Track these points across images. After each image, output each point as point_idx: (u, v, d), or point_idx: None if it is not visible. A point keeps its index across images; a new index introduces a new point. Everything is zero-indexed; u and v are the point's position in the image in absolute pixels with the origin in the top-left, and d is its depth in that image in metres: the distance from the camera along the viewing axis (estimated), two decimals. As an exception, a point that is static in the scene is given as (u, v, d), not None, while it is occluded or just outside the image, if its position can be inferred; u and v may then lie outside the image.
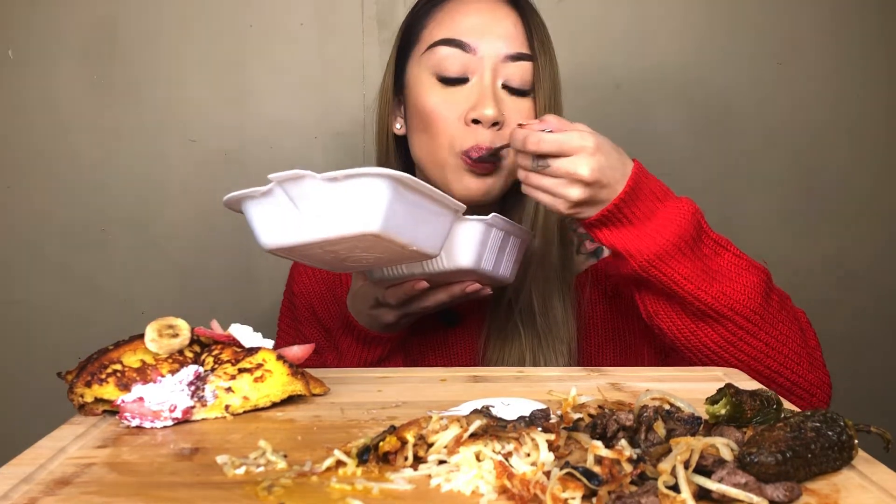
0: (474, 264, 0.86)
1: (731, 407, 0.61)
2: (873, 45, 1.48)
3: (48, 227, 1.42)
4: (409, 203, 0.71)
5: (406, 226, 0.71)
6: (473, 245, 0.86)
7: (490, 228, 0.87)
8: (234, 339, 0.74)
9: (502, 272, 0.92)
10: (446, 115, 0.98)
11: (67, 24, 1.39)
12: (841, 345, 1.53)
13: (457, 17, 1.00)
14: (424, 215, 0.73)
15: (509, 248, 0.92)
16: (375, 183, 0.68)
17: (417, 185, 0.72)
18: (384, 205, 0.68)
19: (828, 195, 1.50)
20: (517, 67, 0.99)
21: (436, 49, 0.99)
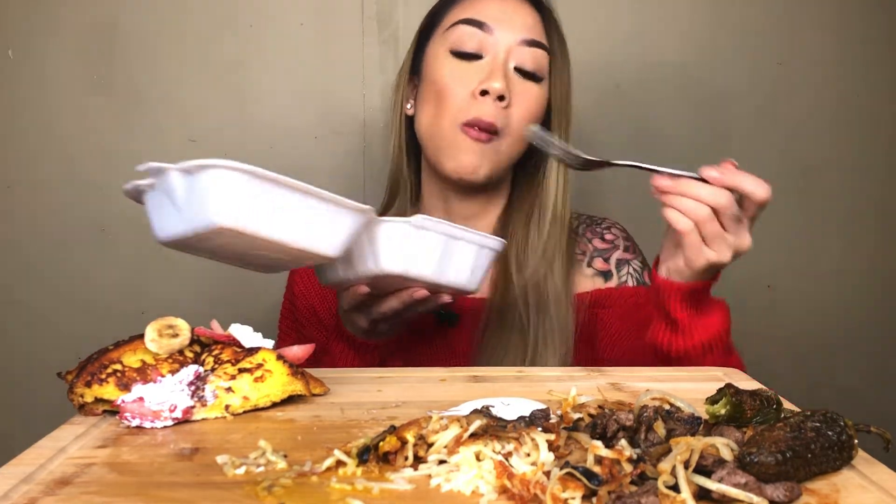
0: (401, 269, 0.81)
1: (731, 407, 0.61)
2: (873, 45, 1.48)
3: (48, 227, 1.42)
4: (271, 197, 0.67)
5: (270, 222, 0.67)
6: (397, 248, 0.81)
7: (419, 231, 0.81)
8: (234, 339, 0.74)
9: (453, 280, 0.85)
10: (456, 88, 1.02)
11: (67, 24, 1.39)
12: (841, 344, 1.53)
13: (480, 4, 1.05)
14: (301, 212, 0.70)
15: (460, 253, 0.84)
16: (222, 174, 0.65)
17: (280, 179, 0.67)
18: (228, 197, 0.65)
19: (828, 195, 1.50)
20: (531, 53, 1.03)
21: (456, 27, 1.04)
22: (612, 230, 1.14)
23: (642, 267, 1.12)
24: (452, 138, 1.02)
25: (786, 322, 1.52)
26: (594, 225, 1.14)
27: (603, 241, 1.12)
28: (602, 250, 1.11)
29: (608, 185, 1.46)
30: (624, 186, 1.46)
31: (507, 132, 1.03)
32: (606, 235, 1.13)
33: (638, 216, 1.47)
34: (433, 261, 0.82)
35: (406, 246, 0.81)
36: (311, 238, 0.71)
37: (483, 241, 0.86)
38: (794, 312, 1.52)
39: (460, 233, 0.84)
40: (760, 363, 1.13)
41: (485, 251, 0.86)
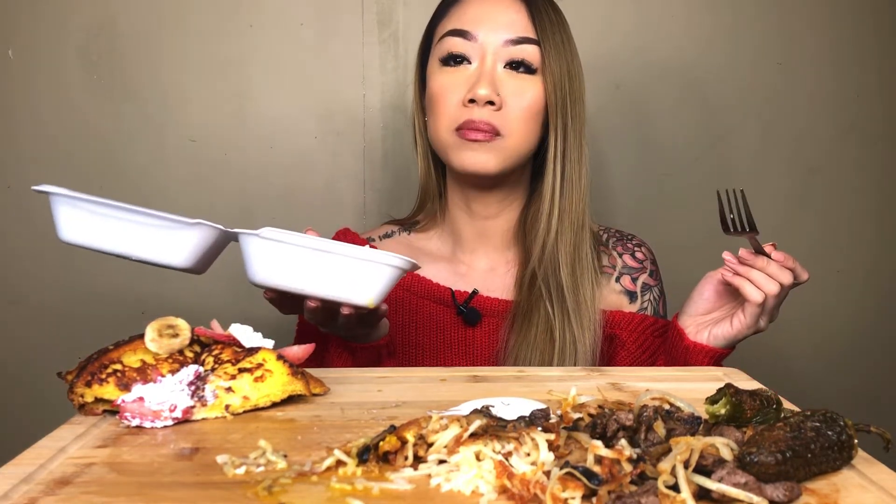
0: (268, 281, 0.81)
1: (731, 407, 0.61)
2: (873, 45, 1.48)
3: (48, 227, 1.41)
4: (93, 216, 0.79)
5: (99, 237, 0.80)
6: (260, 260, 0.81)
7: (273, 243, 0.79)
8: (234, 339, 0.74)
9: (337, 294, 0.81)
10: (448, 97, 1.04)
11: (67, 24, 1.39)
12: (841, 344, 1.53)
13: (464, 10, 1.06)
14: (134, 229, 0.79)
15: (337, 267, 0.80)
16: (52, 203, 0.80)
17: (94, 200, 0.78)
18: (58, 218, 0.81)
19: (828, 195, 1.51)
20: (519, 50, 1.03)
21: (443, 40, 1.06)
22: (642, 250, 1.15)
23: (660, 296, 1.13)
24: (452, 142, 1.04)
25: (785, 322, 1.51)
26: (624, 240, 1.15)
27: (633, 258, 1.13)
28: (632, 268, 1.12)
29: (610, 189, 1.46)
30: (623, 188, 1.46)
31: (507, 131, 1.02)
32: (637, 254, 1.13)
33: (638, 222, 1.47)
34: (300, 272, 0.80)
35: (267, 258, 0.81)
36: (153, 252, 0.81)
37: (362, 254, 0.80)
38: (793, 312, 1.52)
39: (326, 245, 0.80)
40: (760, 363, 1.13)
41: (372, 266, 0.81)
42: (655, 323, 1.08)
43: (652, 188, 1.47)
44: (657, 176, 1.47)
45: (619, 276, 1.11)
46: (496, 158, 1.03)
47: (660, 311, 1.12)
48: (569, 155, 1.05)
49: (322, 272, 0.81)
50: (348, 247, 0.80)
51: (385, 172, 1.45)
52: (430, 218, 1.16)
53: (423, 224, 1.17)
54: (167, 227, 0.79)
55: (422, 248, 1.16)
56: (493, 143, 1.02)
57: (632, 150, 1.47)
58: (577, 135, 1.05)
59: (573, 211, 1.05)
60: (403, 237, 1.17)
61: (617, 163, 1.47)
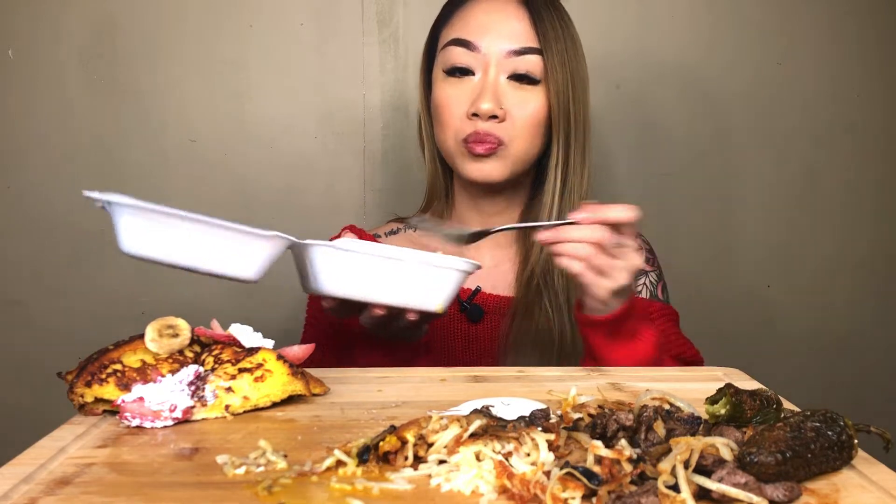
0: (338, 291, 0.82)
1: (731, 407, 0.61)
2: (873, 46, 1.48)
3: (48, 227, 1.42)
4: (163, 226, 0.75)
5: (178, 252, 0.75)
6: (330, 270, 0.81)
7: (347, 254, 0.80)
8: (234, 339, 0.74)
9: (406, 301, 0.83)
10: (452, 109, 1.05)
11: (67, 24, 1.39)
12: (841, 344, 1.53)
13: (467, 18, 1.06)
14: (208, 241, 0.75)
15: (407, 274, 0.82)
16: (113, 209, 0.77)
17: (186, 216, 0.73)
18: (120, 227, 0.77)
19: (827, 195, 1.51)
20: (522, 61, 1.03)
21: (447, 49, 1.06)
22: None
23: (657, 280, 1.14)
24: (458, 151, 1.05)
25: (785, 322, 1.52)
26: None
27: None
28: None
29: (612, 187, 1.46)
30: (625, 187, 1.46)
31: (511, 139, 1.04)
32: None
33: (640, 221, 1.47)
34: (371, 282, 0.81)
35: (337, 268, 0.81)
36: (223, 265, 0.76)
37: (436, 262, 0.82)
38: (793, 312, 1.52)
39: (397, 253, 0.81)
40: (760, 363, 1.13)
41: (442, 272, 0.82)
42: (651, 304, 1.10)
43: (653, 187, 1.47)
44: (658, 175, 1.47)
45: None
46: (502, 167, 1.04)
47: (657, 293, 1.13)
48: (570, 162, 1.06)
49: (395, 281, 0.81)
50: (419, 253, 0.82)
51: (385, 172, 1.45)
52: (436, 216, 1.18)
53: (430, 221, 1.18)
54: (242, 239, 0.75)
55: (427, 245, 1.16)
56: (498, 152, 1.03)
57: (632, 150, 1.47)
58: (580, 141, 1.06)
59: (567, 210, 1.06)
60: (409, 234, 1.18)
61: (618, 162, 1.47)
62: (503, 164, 1.04)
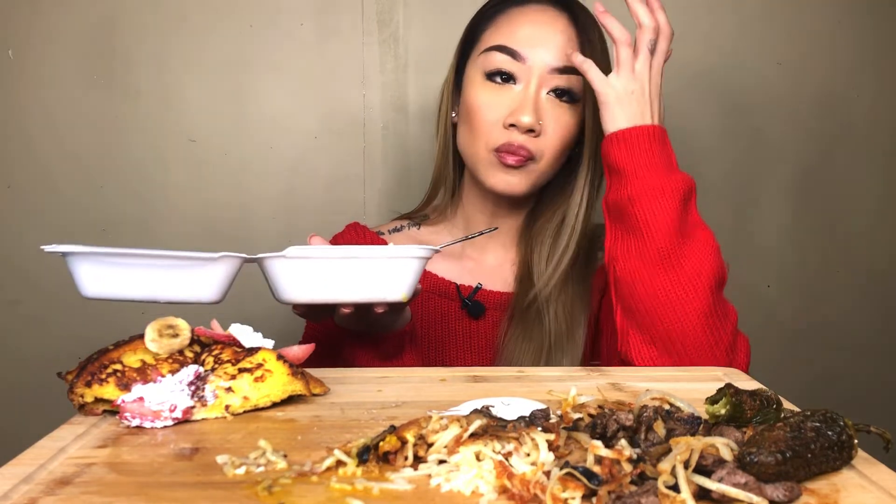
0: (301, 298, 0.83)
1: (731, 407, 0.61)
2: (873, 46, 1.48)
3: (48, 227, 1.42)
4: (116, 268, 0.77)
5: (122, 287, 0.78)
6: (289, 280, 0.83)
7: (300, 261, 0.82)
8: (234, 339, 0.74)
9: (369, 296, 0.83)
10: (488, 115, 1.04)
11: (67, 24, 1.39)
12: (841, 344, 1.53)
13: (514, 26, 1.05)
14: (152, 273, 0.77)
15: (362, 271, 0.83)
16: (67, 259, 0.79)
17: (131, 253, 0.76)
18: (77, 275, 0.80)
19: (828, 194, 1.51)
20: (564, 79, 1.03)
21: (490, 53, 1.05)
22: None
23: None
24: (488, 160, 1.05)
25: (785, 322, 1.52)
26: None
27: None
28: None
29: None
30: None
31: (541, 156, 1.05)
32: None
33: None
34: (330, 284, 0.82)
35: (294, 276, 0.82)
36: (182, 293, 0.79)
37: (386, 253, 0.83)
38: (793, 312, 1.52)
39: (350, 252, 0.82)
40: (760, 363, 1.13)
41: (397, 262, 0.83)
42: None
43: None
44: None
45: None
46: (527, 181, 1.05)
47: None
48: (596, 181, 1.08)
49: (352, 279, 0.82)
50: (371, 249, 0.83)
51: (385, 172, 1.45)
52: (439, 212, 1.19)
53: (433, 218, 1.19)
54: (193, 266, 0.78)
55: (431, 242, 1.18)
56: (527, 166, 1.04)
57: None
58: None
59: (579, 228, 1.09)
60: (413, 231, 1.19)
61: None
62: (528, 179, 1.05)
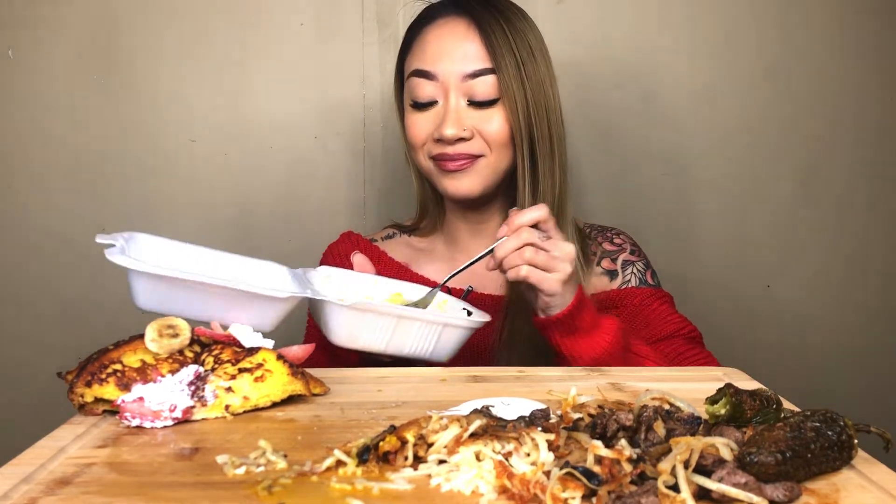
0: (346, 343, 0.86)
1: (731, 407, 0.61)
2: (873, 46, 1.48)
3: (48, 226, 1.42)
4: (176, 289, 0.76)
5: (183, 308, 0.76)
6: (341, 325, 0.85)
7: (362, 313, 0.84)
8: (234, 339, 0.74)
9: (412, 352, 0.88)
10: (420, 135, 1.09)
11: (67, 24, 1.39)
12: (840, 344, 1.53)
13: (424, 46, 1.09)
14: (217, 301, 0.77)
15: (419, 332, 0.87)
16: (130, 275, 0.78)
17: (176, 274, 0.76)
18: (137, 289, 0.78)
19: (826, 195, 1.50)
20: (480, 83, 1.06)
21: (410, 80, 1.10)
22: (621, 236, 1.21)
23: (645, 268, 1.16)
24: (433, 169, 1.10)
25: (785, 322, 1.52)
26: (605, 231, 1.21)
27: (612, 244, 1.18)
28: (610, 252, 1.17)
29: (615, 186, 1.46)
30: (625, 186, 1.46)
31: (487, 152, 1.07)
32: (615, 240, 1.19)
33: (644, 219, 1.47)
34: (383, 338, 0.86)
35: (349, 324, 0.84)
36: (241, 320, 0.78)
37: (447, 320, 0.88)
38: (792, 312, 1.52)
39: (417, 314, 0.86)
40: (760, 363, 1.13)
41: (452, 330, 0.89)
42: (642, 291, 1.12)
43: (653, 187, 1.47)
44: (658, 175, 1.47)
45: (600, 260, 1.16)
46: (478, 180, 1.08)
47: (647, 279, 1.15)
48: (539, 170, 1.08)
49: (410, 335, 0.86)
50: (431, 312, 0.89)
51: (385, 172, 1.45)
52: (430, 224, 1.22)
53: (424, 230, 1.22)
54: (258, 300, 0.78)
55: (422, 248, 1.21)
56: (476, 164, 1.07)
57: (631, 151, 1.47)
58: (547, 146, 1.07)
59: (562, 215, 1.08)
60: (404, 238, 1.22)
61: (618, 162, 1.47)
62: (478, 179, 1.08)
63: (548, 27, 1.15)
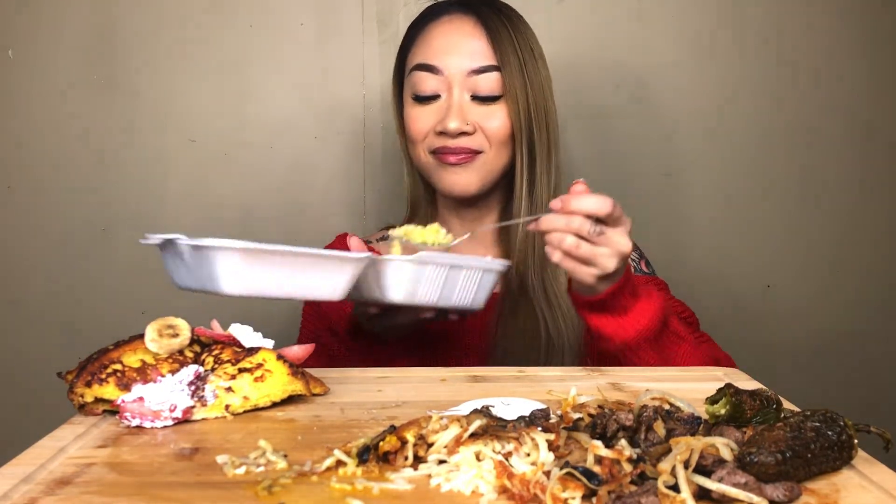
0: (406, 300, 0.87)
1: (731, 407, 0.61)
2: (875, 46, 1.48)
3: (48, 227, 1.42)
4: (263, 264, 0.75)
5: (262, 283, 0.76)
6: (401, 282, 0.86)
7: (422, 266, 0.86)
8: (234, 339, 0.74)
9: (458, 303, 0.91)
10: (421, 128, 1.10)
11: (67, 24, 1.39)
12: (841, 344, 1.53)
13: (429, 41, 1.10)
14: (287, 270, 0.77)
15: (464, 280, 0.90)
16: (217, 254, 0.74)
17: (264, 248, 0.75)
18: (221, 271, 0.74)
19: (827, 195, 1.50)
20: (484, 79, 1.07)
21: (413, 74, 1.10)
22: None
23: (640, 257, 1.17)
24: (432, 164, 1.10)
25: (785, 321, 1.52)
26: None
27: None
28: None
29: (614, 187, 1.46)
30: (625, 186, 1.46)
31: (486, 148, 1.08)
32: None
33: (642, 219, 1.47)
34: (436, 290, 0.88)
35: (409, 279, 0.86)
36: (304, 288, 0.79)
37: (487, 265, 0.92)
38: (793, 312, 1.52)
39: (464, 261, 0.90)
40: (760, 363, 1.13)
41: (489, 275, 0.93)
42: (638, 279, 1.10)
43: (653, 187, 1.47)
44: (658, 175, 1.47)
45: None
46: (477, 177, 1.09)
47: (642, 268, 1.15)
48: (536, 169, 1.09)
49: (457, 286, 0.90)
50: (475, 258, 0.92)
51: (385, 172, 1.45)
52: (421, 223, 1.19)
53: None
54: (335, 266, 0.80)
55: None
56: (475, 161, 1.08)
57: (632, 148, 1.47)
58: (544, 146, 1.09)
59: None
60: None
61: (618, 162, 1.46)
62: (476, 176, 1.08)
63: (547, 27, 1.16)
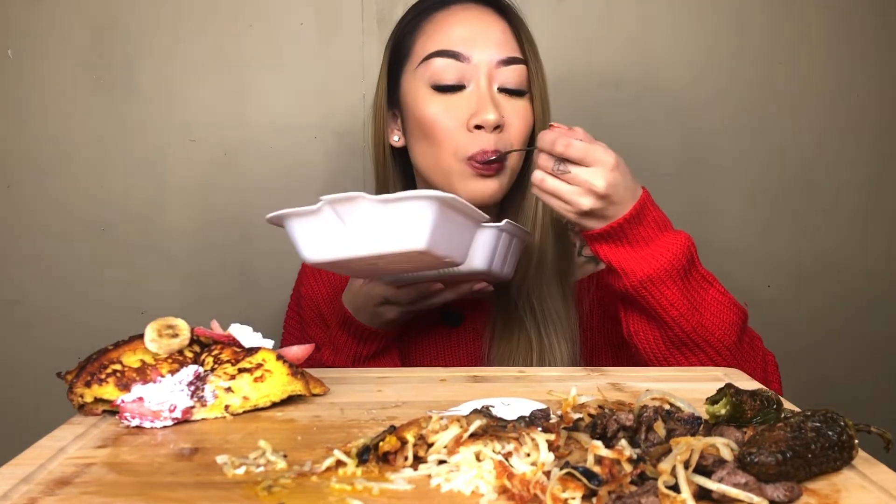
0: (487, 267, 0.90)
1: (731, 407, 0.61)
2: (874, 45, 1.48)
3: (48, 227, 1.42)
4: (449, 220, 0.77)
5: (444, 240, 0.77)
6: (488, 250, 0.89)
7: (502, 234, 0.90)
8: (234, 339, 0.74)
9: (506, 271, 0.95)
10: (448, 123, 1.00)
11: (67, 25, 1.39)
12: (841, 344, 1.53)
13: (447, 29, 1.02)
14: (458, 229, 0.80)
15: (513, 249, 0.95)
16: (424, 205, 0.74)
17: (456, 202, 0.77)
18: (430, 224, 0.74)
19: (827, 194, 1.50)
20: (511, 71, 1.01)
21: (430, 61, 1.01)
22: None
23: None
24: (461, 170, 1.00)
25: (785, 321, 1.52)
26: None
27: None
28: None
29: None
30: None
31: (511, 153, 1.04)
32: None
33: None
34: (503, 258, 0.92)
35: (493, 248, 0.89)
36: (457, 249, 0.82)
37: (526, 236, 0.98)
38: (793, 312, 1.52)
39: (518, 231, 0.94)
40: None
41: (523, 244, 0.98)
42: None
43: (652, 187, 1.47)
44: (657, 175, 1.47)
45: (580, 249, 1.12)
46: (501, 185, 1.02)
47: None
48: None
49: (509, 254, 0.94)
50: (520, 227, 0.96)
51: (385, 172, 1.45)
52: None
53: None
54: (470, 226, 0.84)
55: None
56: (503, 171, 1.01)
57: (630, 151, 1.47)
58: None
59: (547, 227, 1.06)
60: None
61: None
62: (502, 182, 1.02)
63: (548, 26, 1.15)
